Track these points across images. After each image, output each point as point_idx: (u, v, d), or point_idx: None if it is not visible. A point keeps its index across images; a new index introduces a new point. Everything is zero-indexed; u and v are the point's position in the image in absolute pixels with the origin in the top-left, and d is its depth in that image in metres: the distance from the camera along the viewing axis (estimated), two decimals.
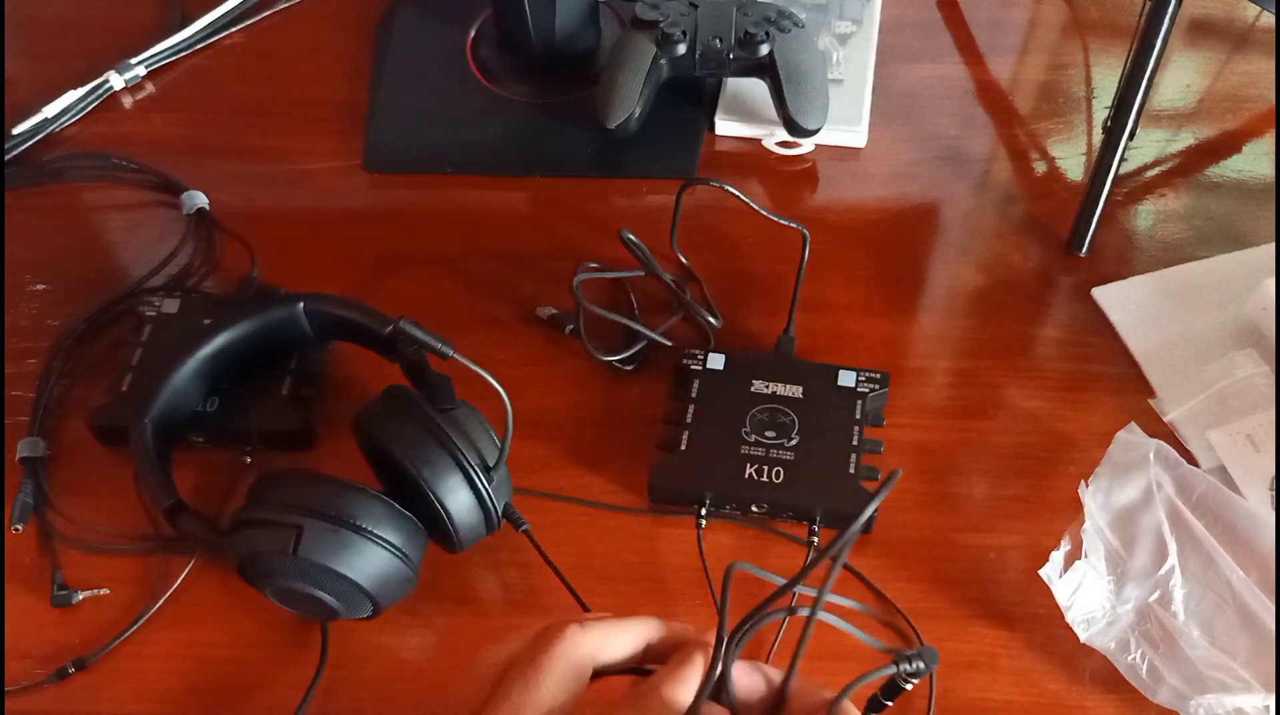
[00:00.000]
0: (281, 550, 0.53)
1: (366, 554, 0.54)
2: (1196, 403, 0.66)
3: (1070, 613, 0.57)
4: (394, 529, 0.55)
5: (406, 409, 0.58)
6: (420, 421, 0.57)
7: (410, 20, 0.89)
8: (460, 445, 0.57)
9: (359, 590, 0.55)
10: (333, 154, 0.81)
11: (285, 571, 0.54)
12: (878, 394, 0.65)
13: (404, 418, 0.57)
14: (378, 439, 0.58)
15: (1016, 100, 0.84)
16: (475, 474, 0.57)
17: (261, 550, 0.54)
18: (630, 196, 0.79)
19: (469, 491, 0.57)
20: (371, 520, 0.55)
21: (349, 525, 0.54)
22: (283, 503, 0.55)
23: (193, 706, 0.59)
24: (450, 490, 0.57)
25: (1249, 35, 0.87)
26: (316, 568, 0.54)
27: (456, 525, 0.57)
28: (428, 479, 0.56)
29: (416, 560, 0.57)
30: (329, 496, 0.55)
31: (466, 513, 0.58)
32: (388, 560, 0.55)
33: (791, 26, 0.78)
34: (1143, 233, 0.76)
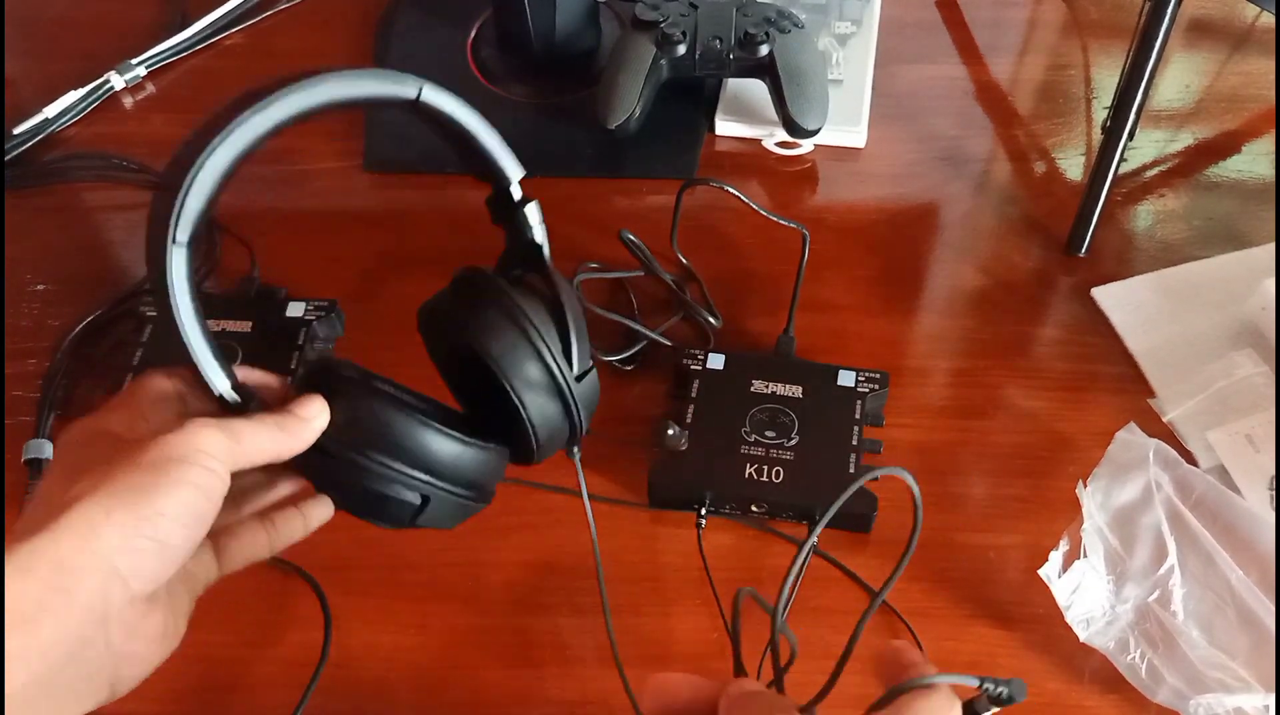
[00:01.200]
0: (402, 511, 0.47)
1: (473, 510, 0.50)
2: (1196, 403, 0.66)
3: (1070, 612, 0.57)
4: (497, 472, 0.50)
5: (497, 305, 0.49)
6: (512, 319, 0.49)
7: (410, 20, 0.89)
8: (549, 347, 0.49)
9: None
10: (333, 154, 0.82)
11: (394, 519, 0.48)
12: (877, 394, 0.65)
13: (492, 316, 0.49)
14: (460, 338, 0.49)
15: (1016, 101, 0.84)
16: (565, 383, 0.50)
17: (378, 500, 0.47)
18: (630, 196, 0.79)
19: (557, 404, 0.50)
20: (489, 475, 0.49)
21: (469, 489, 0.48)
22: (395, 451, 0.46)
23: (193, 706, 0.59)
24: (539, 409, 0.49)
25: (1248, 35, 0.87)
26: (427, 521, 0.48)
27: (541, 445, 0.51)
28: (520, 395, 0.48)
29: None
30: (453, 458, 0.48)
31: (552, 430, 0.51)
32: (481, 507, 0.50)
33: (791, 27, 0.78)
34: (1142, 233, 0.76)
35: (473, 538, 0.64)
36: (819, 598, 0.61)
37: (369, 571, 0.63)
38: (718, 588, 0.61)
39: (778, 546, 0.63)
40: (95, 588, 0.37)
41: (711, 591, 0.61)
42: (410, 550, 0.63)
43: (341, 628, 0.60)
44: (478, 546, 0.63)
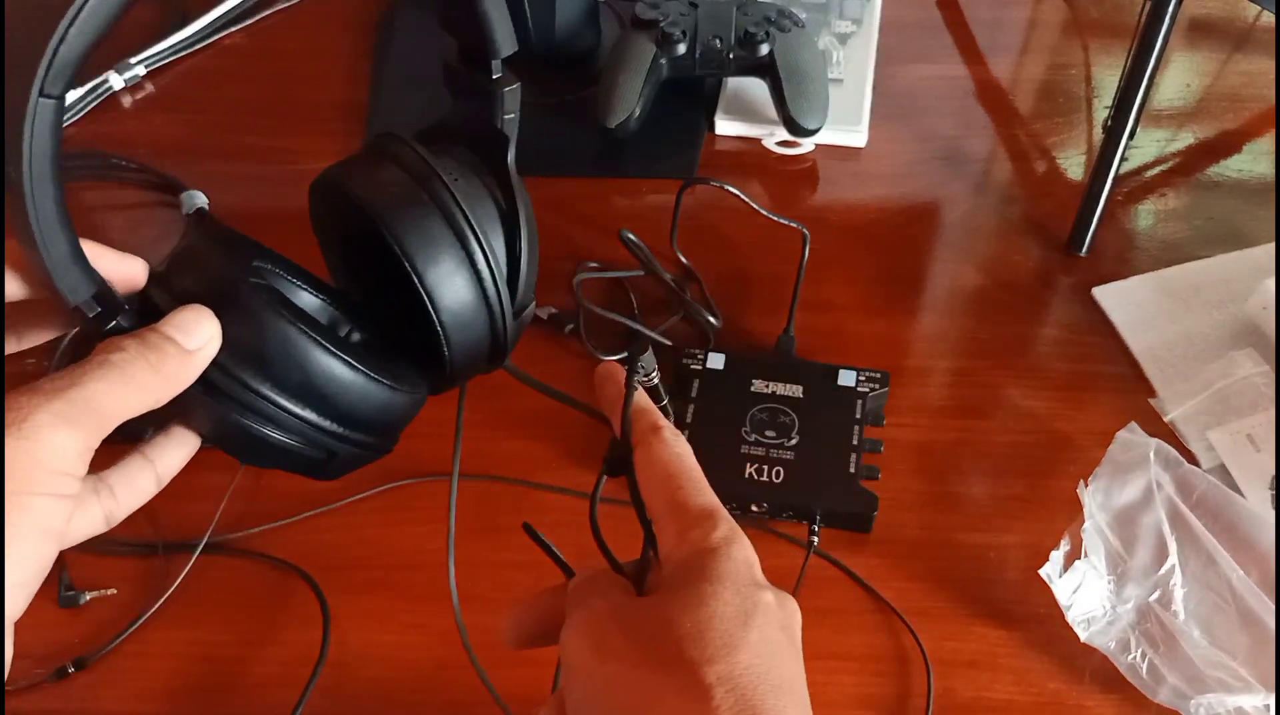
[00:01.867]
0: (307, 465, 0.40)
1: (363, 456, 0.41)
2: (1196, 402, 0.66)
3: (1070, 612, 0.57)
4: (409, 417, 0.42)
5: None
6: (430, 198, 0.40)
7: (410, 20, 0.89)
8: (491, 265, 0.40)
9: None
10: (333, 154, 0.81)
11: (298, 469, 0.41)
12: (878, 394, 0.65)
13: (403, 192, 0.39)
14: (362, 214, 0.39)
15: (1016, 100, 0.84)
16: (500, 317, 0.42)
17: (278, 451, 0.39)
18: (630, 196, 0.79)
19: (481, 337, 0.42)
20: (404, 421, 0.41)
21: (380, 441, 0.40)
22: (302, 395, 0.38)
23: (193, 705, 0.59)
24: (461, 339, 0.41)
25: (1249, 35, 0.87)
26: (303, 467, 0.40)
27: (456, 366, 0.42)
28: (436, 303, 0.39)
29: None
30: (371, 408, 0.39)
31: (468, 358, 0.42)
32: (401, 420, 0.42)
33: (791, 26, 0.78)
34: (1143, 232, 0.76)
35: (473, 538, 0.64)
36: (819, 597, 0.61)
37: (369, 571, 0.63)
38: None
39: (778, 546, 0.63)
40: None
41: None
42: (410, 550, 0.63)
43: (341, 628, 0.60)
44: (478, 546, 0.63)
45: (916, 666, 0.58)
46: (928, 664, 0.58)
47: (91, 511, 0.37)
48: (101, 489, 0.37)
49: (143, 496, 0.39)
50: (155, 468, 0.39)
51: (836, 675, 0.59)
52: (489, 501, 0.64)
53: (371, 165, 0.40)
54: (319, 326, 0.39)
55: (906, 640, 0.59)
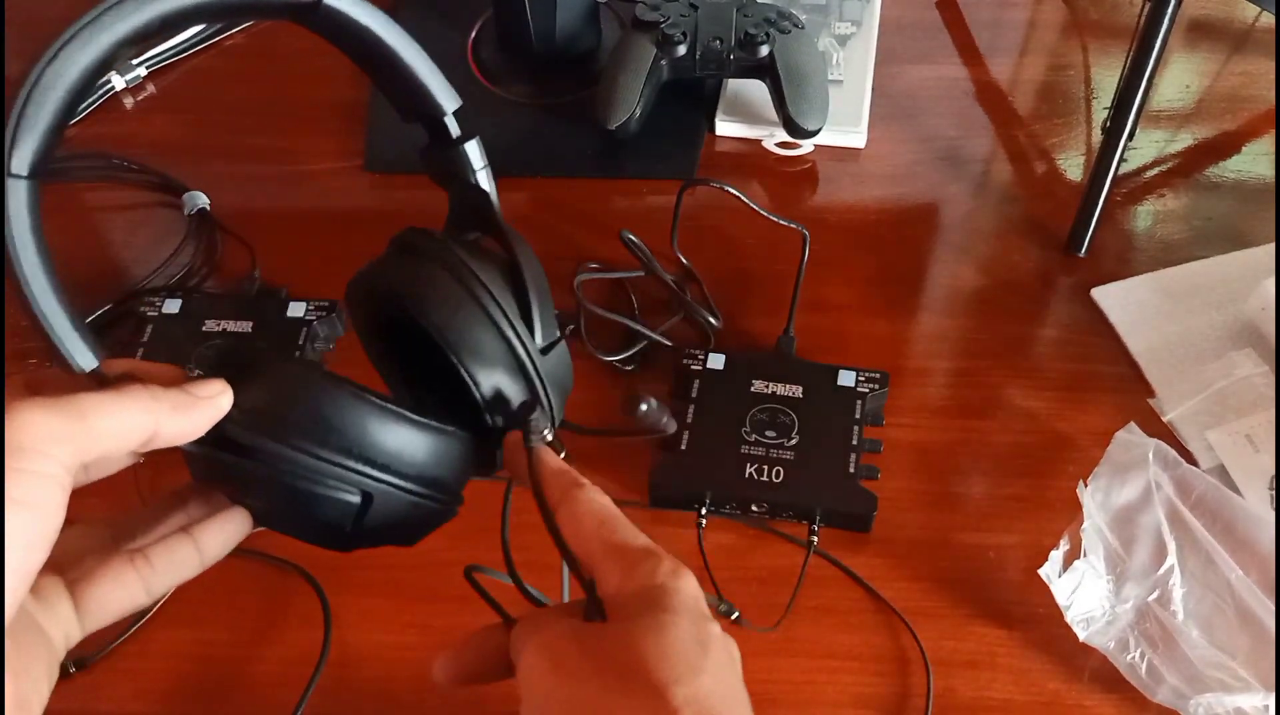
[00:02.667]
0: (340, 515, 0.39)
1: (433, 514, 0.42)
2: (1196, 402, 0.66)
3: (1069, 612, 0.57)
4: (460, 472, 0.42)
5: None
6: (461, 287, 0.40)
7: (411, 21, 0.89)
8: (505, 313, 0.41)
9: (405, 541, 0.43)
10: (334, 154, 0.82)
11: (332, 534, 0.40)
12: (877, 394, 0.66)
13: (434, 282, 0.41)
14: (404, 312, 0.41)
15: (1016, 101, 0.84)
16: (527, 354, 0.42)
17: (309, 503, 0.38)
18: (630, 197, 0.79)
19: (519, 381, 0.42)
20: (446, 464, 0.41)
21: (422, 483, 0.40)
22: (322, 434, 0.38)
23: (192, 706, 0.59)
24: (495, 386, 0.41)
25: (1248, 36, 0.87)
26: (375, 535, 0.40)
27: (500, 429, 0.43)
28: (470, 369, 0.40)
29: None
30: (397, 441, 0.39)
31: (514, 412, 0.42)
32: (445, 513, 0.43)
33: (791, 27, 0.78)
34: (1142, 233, 0.76)
35: (473, 538, 0.63)
36: (819, 597, 0.61)
37: (369, 571, 0.63)
38: (719, 587, 0.61)
39: (778, 546, 0.63)
40: None
41: (714, 588, 0.61)
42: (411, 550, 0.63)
43: (341, 627, 0.60)
44: (478, 546, 0.63)
45: (916, 666, 0.59)
46: (927, 664, 0.58)
47: (129, 582, 0.37)
48: (140, 564, 0.38)
49: (181, 575, 0.39)
50: (199, 547, 0.39)
51: (836, 675, 0.59)
52: (489, 501, 0.64)
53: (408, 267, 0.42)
54: (329, 379, 0.39)
55: (906, 640, 0.59)
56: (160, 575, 0.38)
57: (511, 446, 0.42)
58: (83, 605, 0.37)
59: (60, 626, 0.36)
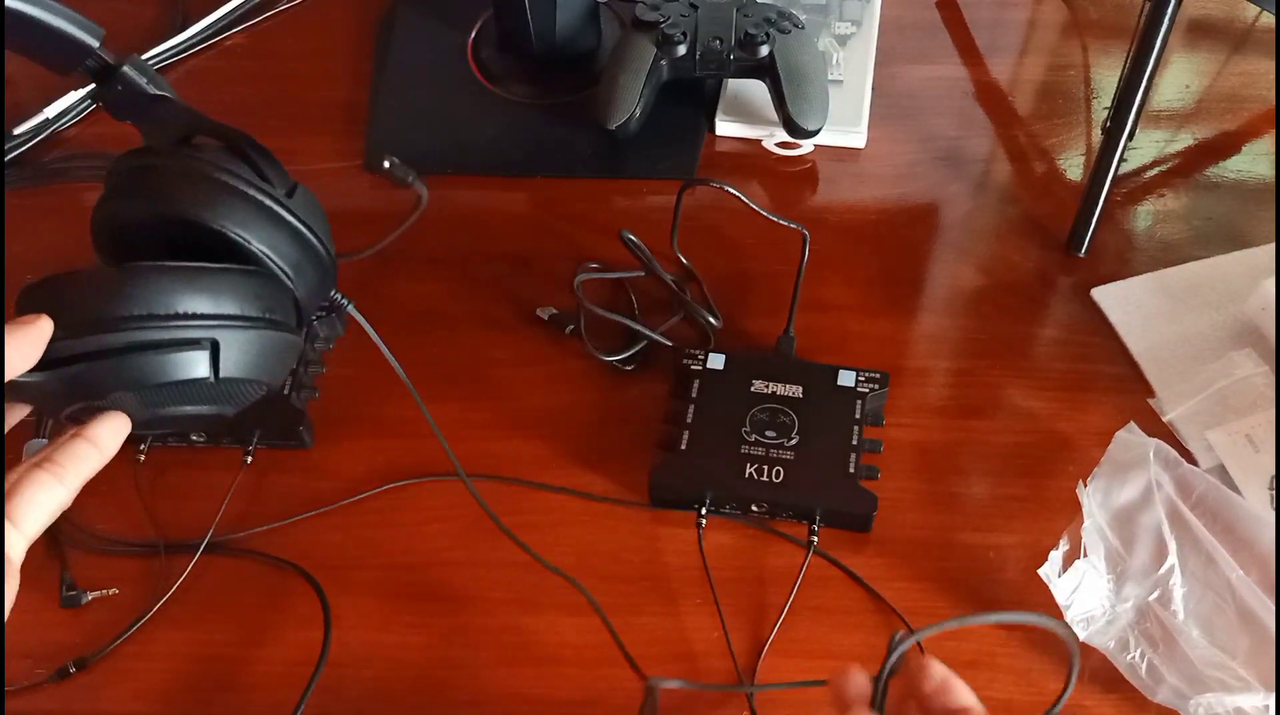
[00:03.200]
0: (197, 376, 0.40)
1: (281, 344, 0.43)
2: (1196, 402, 0.66)
3: (1070, 612, 0.57)
4: (288, 304, 0.44)
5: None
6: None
7: (411, 21, 0.89)
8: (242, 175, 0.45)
9: (267, 387, 0.45)
10: (334, 155, 0.82)
11: (195, 397, 0.42)
12: (877, 394, 0.66)
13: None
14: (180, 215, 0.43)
15: (1016, 101, 0.84)
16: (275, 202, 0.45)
17: (164, 380, 0.40)
18: (630, 197, 0.79)
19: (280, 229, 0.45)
20: (272, 302, 0.43)
21: (265, 321, 0.42)
22: (150, 307, 0.40)
23: (193, 705, 0.59)
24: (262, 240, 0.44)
25: (1248, 35, 0.87)
26: (236, 384, 0.42)
27: (304, 298, 0.46)
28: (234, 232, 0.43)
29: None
30: (221, 290, 0.41)
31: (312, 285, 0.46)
32: (292, 341, 0.44)
33: (791, 27, 0.78)
34: (1142, 233, 0.76)
35: (473, 538, 0.64)
36: (819, 597, 0.61)
37: (369, 571, 0.63)
38: (718, 588, 0.61)
39: (777, 546, 0.63)
40: None
41: (712, 591, 0.61)
42: (410, 550, 0.64)
43: (341, 627, 0.60)
44: (478, 546, 0.63)
45: None
46: None
47: (43, 480, 0.41)
48: (45, 463, 0.41)
49: (90, 467, 0.42)
50: (96, 443, 0.42)
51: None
52: (489, 501, 0.64)
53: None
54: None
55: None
56: (70, 472, 0.41)
57: None
58: (16, 516, 0.41)
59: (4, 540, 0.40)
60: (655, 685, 0.42)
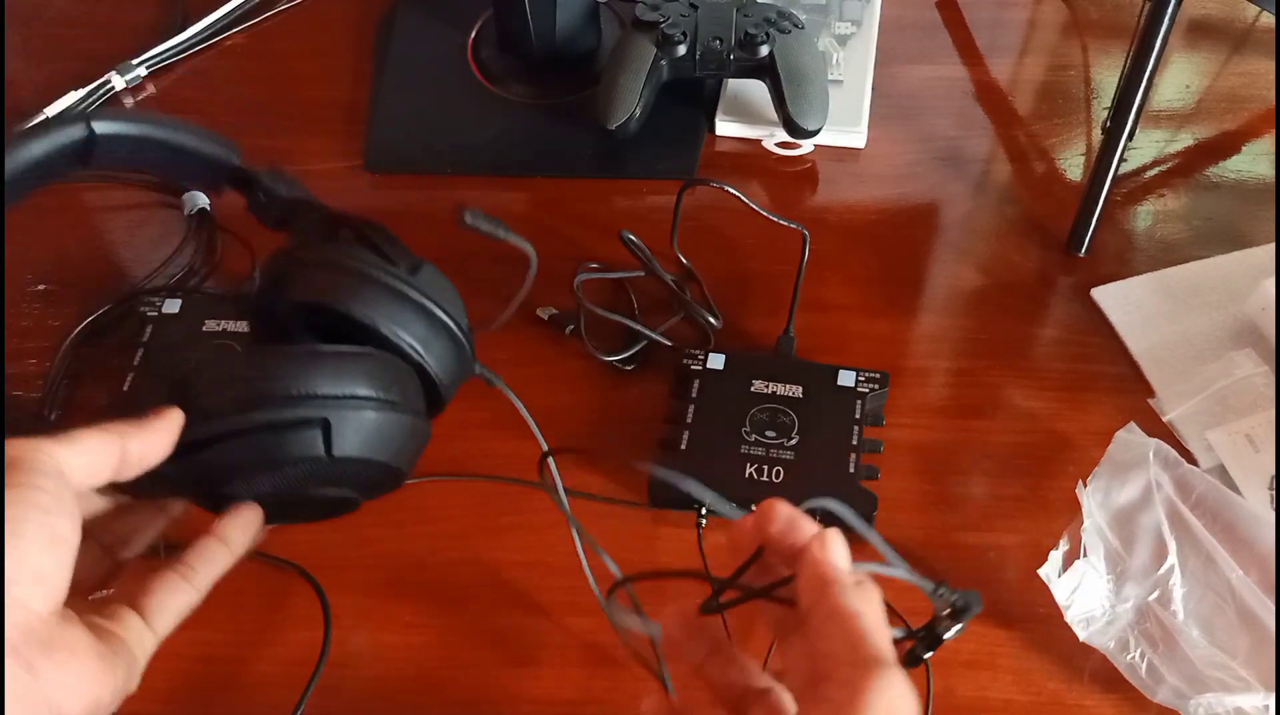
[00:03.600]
0: (312, 455, 0.41)
1: (401, 426, 0.44)
2: (1196, 402, 0.66)
3: (1069, 612, 0.57)
4: (414, 390, 0.45)
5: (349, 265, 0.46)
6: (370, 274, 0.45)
7: (411, 21, 0.89)
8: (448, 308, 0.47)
9: (394, 471, 0.45)
10: (334, 155, 0.82)
11: (318, 480, 0.43)
12: (877, 394, 0.66)
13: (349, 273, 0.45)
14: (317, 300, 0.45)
15: (1016, 101, 0.84)
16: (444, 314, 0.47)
17: (282, 460, 0.41)
18: (631, 197, 0.79)
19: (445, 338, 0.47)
20: (391, 384, 0.43)
21: (377, 400, 0.42)
22: (267, 394, 0.41)
23: (193, 706, 0.59)
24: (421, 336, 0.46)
25: (1249, 35, 0.87)
26: (354, 464, 0.42)
27: (441, 380, 0.47)
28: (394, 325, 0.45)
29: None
30: (333, 370, 0.42)
31: (446, 361, 0.47)
32: (416, 424, 0.45)
33: (791, 28, 0.78)
34: (1142, 233, 0.76)
35: (473, 538, 0.64)
36: None
37: (369, 571, 0.63)
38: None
39: None
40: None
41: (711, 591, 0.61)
42: (410, 550, 0.63)
43: (341, 627, 0.60)
44: (478, 546, 0.63)
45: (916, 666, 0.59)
46: (926, 664, 0.58)
47: (175, 583, 0.42)
48: (183, 569, 0.43)
49: (219, 568, 0.43)
50: (227, 543, 0.44)
51: None
52: (489, 501, 0.64)
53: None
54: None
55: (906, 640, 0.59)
56: (200, 573, 0.43)
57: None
58: (148, 615, 0.42)
59: (136, 636, 0.41)
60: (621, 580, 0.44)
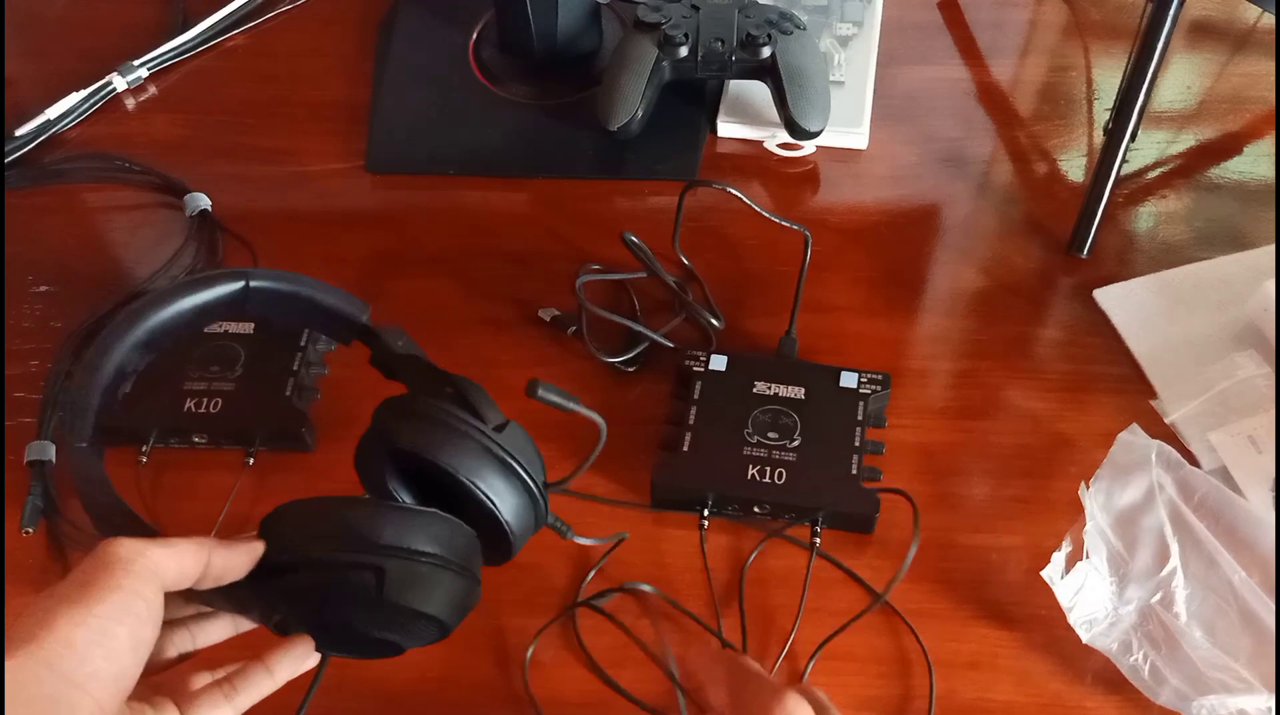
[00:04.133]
0: (364, 595, 0.45)
1: (450, 584, 0.48)
2: (1198, 404, 0.66)
3: (1072, 614, 0.57)
4: (469, 551, 0.49)
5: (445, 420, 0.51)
6: (463, 433, 0.51)
7: (412, 22, 0.89)
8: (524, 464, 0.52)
9: (438, 623, 0.49)
10: (335, 155, 0.82)
11: (367, 619, 0.47)
12: (879, 395, 0.65)
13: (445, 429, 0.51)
14: (414, 452, 0.51)
15: (1017, 102, 0.84)
16: (527, 476, 0.52)
17: (338, 595, 0.46)
18: (632, 198, 0.79)
19: (522, 496, 0.52)
20: (448, 545, 0.48)
21: (431, 557, 0.47)
22: (335, 537, 0.46)
23: None
24: (501, 494, 0.51)
25: (1250, 37, 0.87)
26: (401, 611, 0.46)
27: (514, 530, 0.52)
28: (480, 484, 0.50)
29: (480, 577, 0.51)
30: (397, 525, 0.47)
31: (520, 514, 0.52)
32: (464, 585, 0.49)
33: (793, 29, 0.78)
34: (1144, 234, 0.76)
35: None
36: (821, 598, 0.61)
37: None
38: (719, 590, 0.61)
39: (780, 548, 0.63)
40: (49, 695, 0.38)
41: (711, 593, 0.61)
42: None
43: None
44: None
45: (918, 668, 0.59)
46: (929, 665, 0.59)
47: (218, 701, 0.46)
48: (226, 689, 0.46)
49: (260, 692, 0.47)
50: (271, 671, 0.47)
51: (839, 676, 0.59)
52: None
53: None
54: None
55: (908, 641, 0.59)
56: (242, 696, 0.46)
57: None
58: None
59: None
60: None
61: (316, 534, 0.46)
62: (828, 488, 0.62)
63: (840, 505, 0.62)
